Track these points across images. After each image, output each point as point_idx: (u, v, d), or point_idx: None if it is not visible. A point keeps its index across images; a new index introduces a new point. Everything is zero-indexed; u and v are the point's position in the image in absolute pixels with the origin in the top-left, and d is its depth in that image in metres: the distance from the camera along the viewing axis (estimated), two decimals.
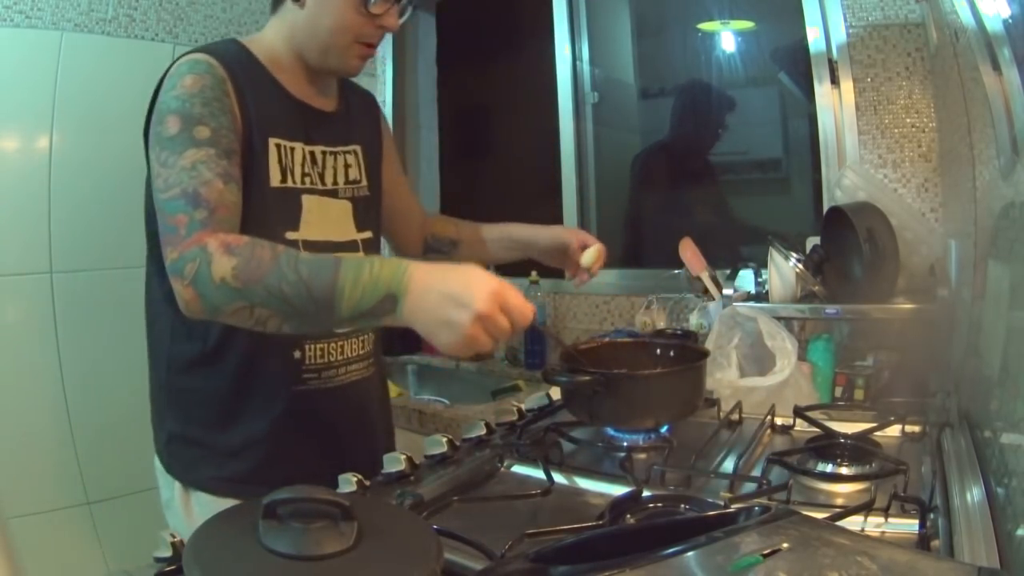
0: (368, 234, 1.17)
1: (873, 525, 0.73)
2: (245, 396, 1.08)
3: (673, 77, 2.37)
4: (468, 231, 1.36)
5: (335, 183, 1.13)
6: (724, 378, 1.19)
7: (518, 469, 0.94)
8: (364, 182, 1.18)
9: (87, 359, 1.83)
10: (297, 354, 1.07)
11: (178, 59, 1.02)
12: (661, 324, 1.86)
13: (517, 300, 0.84)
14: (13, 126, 1.74)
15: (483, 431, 1.01)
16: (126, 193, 1.90)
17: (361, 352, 1.15)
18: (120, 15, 1.86)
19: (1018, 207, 0.78)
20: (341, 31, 1.04)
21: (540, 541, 0.67)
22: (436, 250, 1.34)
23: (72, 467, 1.79)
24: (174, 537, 0.66)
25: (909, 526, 0.71)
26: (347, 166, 1.16)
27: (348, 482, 0.83)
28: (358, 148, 1.18)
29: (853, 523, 0.71)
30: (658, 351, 1.09)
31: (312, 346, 1.08)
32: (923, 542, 0.68)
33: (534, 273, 2.15)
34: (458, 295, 0.82)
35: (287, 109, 1.08)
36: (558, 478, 0.88)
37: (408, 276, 0.84)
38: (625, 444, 0.98)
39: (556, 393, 1.15)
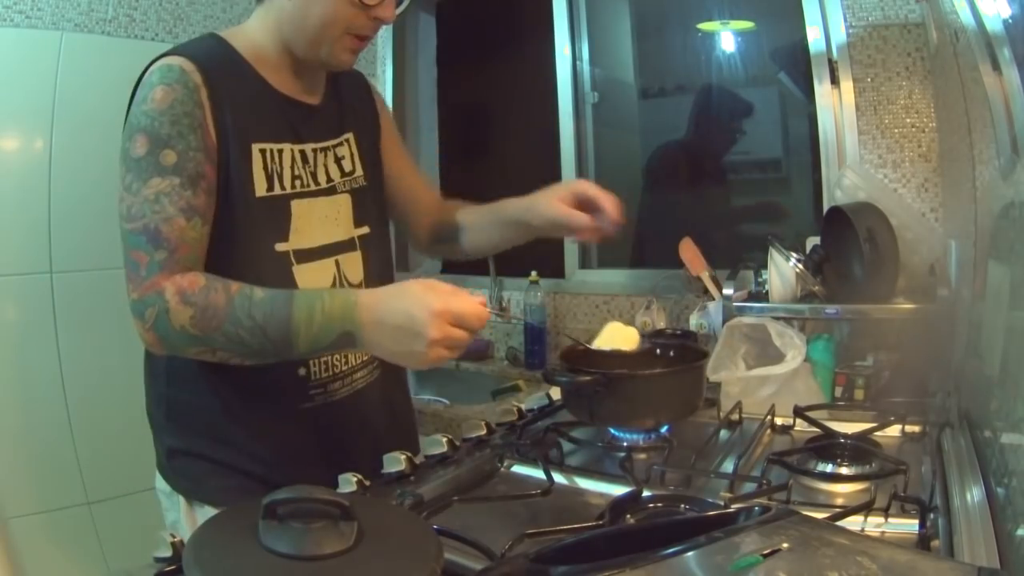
0: (365, 229, 1.12)
1: (873, 525, 0.73)
2: (250, 411, 1.04)
3: (673, 77, 2.36)
4: (470, 217, 1.24)
5: (330, 179, 1.09)
6: (732, 374, 1.18)
7: (518, 469, 0.94)
8: (359, 172, 1.13)
9: (87, 359, 1.83)
10: (302, 371, 1.03)
11: (153, 61, 0.98)
12: (661, 324, 1.86)
13: (464, 307, 0.84)
14: (13, 126, 1.74)
15: (483, 431, 1.01)
16: None
17: (365, 358, 1.10)
18: (120, 15, 1.86)
19: (1018, 207, 0.78)
20: (332, 22, 0.98)
21: (540, 541, 0.67)
22: (442, 240, 1.26)
23: (72, 467, 1.79)
24: (174, 537, 0.66)
25: (909, 526, 0.71)
26: (340, 159, 1.11)
27: (348, 482, 0.83)
28: (351, 136, 1.13)
29: (853, 523, 0.71)
30: (658, 351, 1.09)
31: (316, 361, 1.03)
32: (923, 542, 0.68)
33: (534, 273, 2.15)
34: (407, 327, 0.83)
35: (273, 108, 1.03)
36: (558, 478, 0.88)
37: (357, 312, 0.86)
38: (625, 444, 0.98)
39: (556, 393, 1.15)
